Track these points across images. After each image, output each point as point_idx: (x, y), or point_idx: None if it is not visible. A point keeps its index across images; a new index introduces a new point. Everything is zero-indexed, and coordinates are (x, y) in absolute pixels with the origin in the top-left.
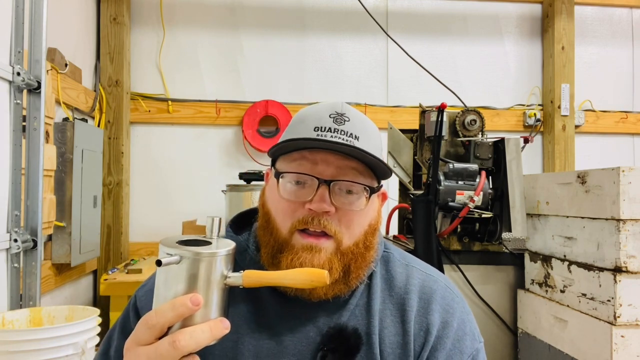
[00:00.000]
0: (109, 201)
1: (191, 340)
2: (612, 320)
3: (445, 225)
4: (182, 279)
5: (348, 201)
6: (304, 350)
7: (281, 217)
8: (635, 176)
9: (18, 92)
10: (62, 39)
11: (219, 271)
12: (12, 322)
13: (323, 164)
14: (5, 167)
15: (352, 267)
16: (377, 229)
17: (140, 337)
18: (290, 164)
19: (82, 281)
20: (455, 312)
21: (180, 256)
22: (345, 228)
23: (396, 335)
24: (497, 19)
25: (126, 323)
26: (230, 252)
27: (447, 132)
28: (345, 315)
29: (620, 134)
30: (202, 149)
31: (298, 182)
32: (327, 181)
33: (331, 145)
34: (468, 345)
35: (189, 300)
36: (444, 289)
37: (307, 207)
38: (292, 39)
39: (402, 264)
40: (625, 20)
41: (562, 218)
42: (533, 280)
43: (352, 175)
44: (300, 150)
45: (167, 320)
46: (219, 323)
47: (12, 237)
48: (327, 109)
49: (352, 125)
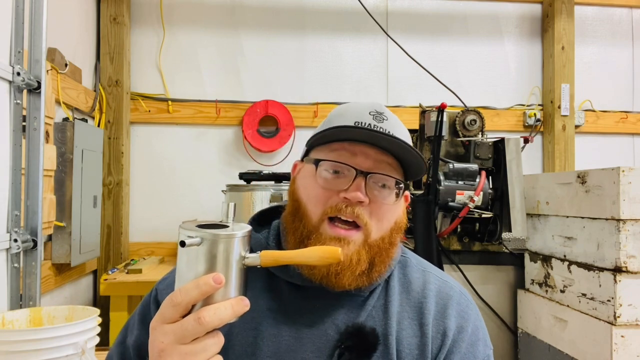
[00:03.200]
0: (109, 201)
1: (215, 316)
2: (612, 320)
3: (445, 225)
4: (203, 259)
5: (381, 194)
6: (322, 346)
7: (313, 203)
8: (635, 176)
9: (18, 92)
10: (62, 39)
11: (237, 252)
12: (12, 322)
13: (362, 155)
14: (5, 167)
15: (376, 260)
16: (401, 228)
17: (166, 315)
18: (330, 153)
19: (82, 281)
20: (470, 318)
21: (201, 238)
22: (375, 221)
23: (414, 337)
24: (497, 19)
25: (146, 315)
26: (246, 234)
27: (447, 132)
28: (363, 316)
29: (620, 134)
30: (202, 149)
31: (335, 171)
32: (364, 172)
33: (374, 135)
34: (481, 350)
35: (211, 279)
36: (460, 295)
37: (341, 196)
38: (292, 39)
39: (419, 269)
40: (625, 20)
41: (562, 218)
42: (533, 280)
43: (388, 170)
44: (340, 141)
45: (192, 298)
46: (240, 301)
47: (12, 237)
48: (367, 107)
49: (390, 125)
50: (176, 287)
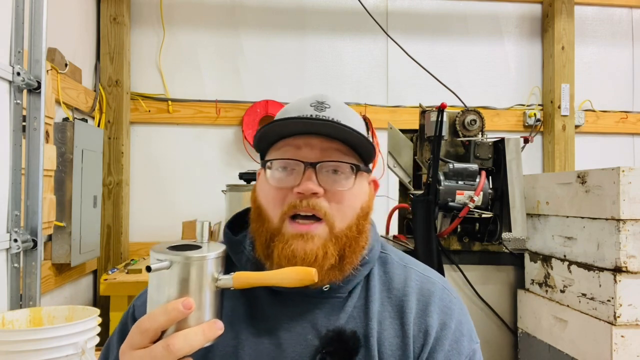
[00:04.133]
0: (109, 201)
1: (185, 343)
2: (612, 320)
3: (445, 225)
4: (174, 283)
5: (335, 181)
6: (302, 352)
7: (272, 206)
8: (635, 176)
9: (18, 92)
10: (62, 39)
11: (210, 274)
12: (12, 322)
13: (307, 147)
14: (5, 167)
15: (346, 251)
16: (368, 213)
17: (135, 341)
18: (276, 152)
19: (82, 281)
20: (453, 314)
21: (170, 261)
22: (335, 209)
23: (395, 337)
24: (497, 19)
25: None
26: (220, 255)
27: (447, 132)
28: (343, 318)
29: (620, 134)
30: (202, 149)
31: (285, 168)
32: (312, 163)
33: (313, 124)
34: (465, 346)
35: (180, 304)
36: (442, 290)
37: (295, 192)
38: (292, 39)
39: (400, 265)
40: (625, 20)
41: (562, 218)
42: (533, 280)
43: (336, 156)
44: (284, 139)
45: (160, 325)
46: (213, 325)
47: (12, 237)
48: (308, 99)
49: (333, 112)
50: (147, 311)
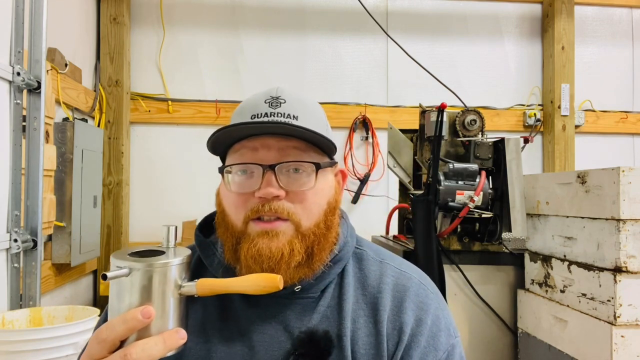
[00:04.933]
0: (109, 201)
1: (143, 353)
2: (612, 320)
3: (445, 225)
4: (134, 291)
5: (296, 181)
6: (275, 355)
7: (234, 210)
8: (635, 176)
9: (18, 92)
10: (62, 39)
11: (172, 281)
12: (12, 322)
13: (264, 149)
14: (5, 167)
15: (315, 249)
16: (336, 208)
17: (93, 351)
18: (233, 156)
19: (82, 281)
20: (429, 309)
21: (129, 268)
22: (300, 209)
23: (369, 336)
24: (497, 19)
25: None
26: (183, 261)
27: (447, 132)
28: (316, 318)
29: (620, 134)
30: (202, 149)
31: (244, 172)
32: (270, 166)
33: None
34: (443, 341)
35: (139, 313)
36: (418, 285)
37: (256, 196)
38: (292, 39)
39: (376, 261)
40: (625, 20)
41: (562, 218)
42: (533, 280)
43: (295, 155)
44: (240, 141)
45: (118, 335)
46: (174, 334)
47: (12, 237)
48: (263, 96)
49: (289, 106)
50: (108, 319)
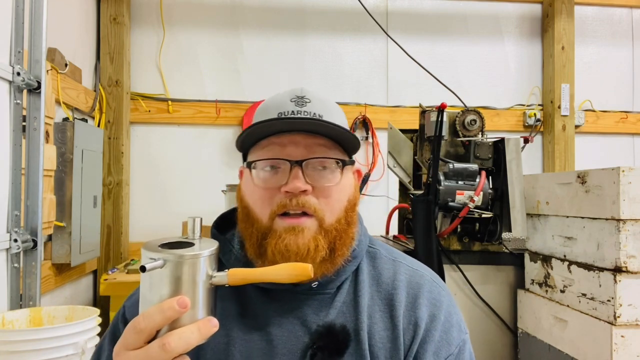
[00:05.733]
0: (109, 201)
1: (180, 341)
2: (612, 320)
3: (445, 225)
4: (168, 282)
5: (323, 177)
6: (293, 348)
7: (259, 205)
8: (635, 176)
9: (18, 92)
10: (62, 39)
11: (204, 272)
12: (12, 322)
13: (291, 145)
14: (5, 167)
15: (337, 244)
16: (356, 205)
17: (129, 341)
18: (261, 151)
19: (82, 281)
20: (442, 305)
21: (163, 260)
22: (325, 205)
23: (386, 330)
24: (497, 19)
25: (116, 333)
26: (213, 252)
27: (447, 132)
28: (332, 313)
29: (620, 134)
30: (202, 149)
31: (271, 167)
32: (298, 161)
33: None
34: (455, 336)
35: (176, 303)
36: (431, 283)
37: (283, 191)
38: (292, 39)
39: (389, 259)
40: (625, 20)
41: (562, 218)
42: (533, 280)
43: (321, 152)
44: (267, 138)
45: (156, 324)
46: (207, 322)
47: (12, 237)
48: (288, 95)
49: (314, 106)
50: (140, 311)
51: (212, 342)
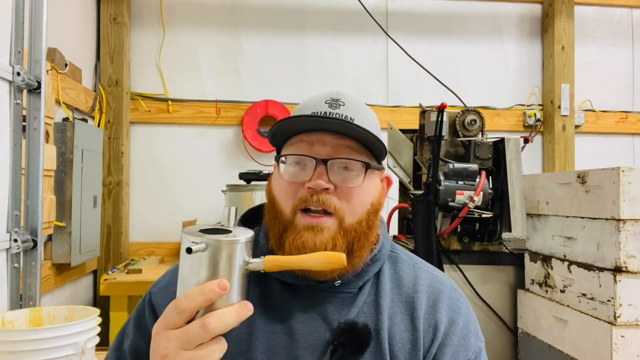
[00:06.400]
0: (109, 201)
1: (220, 322)
2: (612, 320)
3: (445, 225)
4: (207, 265)
5: (346, 178)
6: (314, 343)
7: (284, 198)
8: (635, 176)
9: (18, 92)
10: (62, 39)
11: (241, 257)
12: (12, 322)
13: (319, 144)
14: (5, 167)
15: (355, 246)
16: (379, 210)
17: (170, 321)
18: (290, 147)
19: (82, 281)
20: (461, 311)
21: (206, 244)
22: (346, 205)
23: (406, 332)
24: (497, 19)
25: (141, 319)
26: (249, 239)
27: (447, 132)
28: (354, 312)
29: (620, 134)
30: (202, 149)
31: (298, 163)
32: (323, 160)
33: (324, 122)
34: (472, 342)
35: (216, 285)
36: (450, 289)
37: (306, 186)
38: (292, 39)
39: (409, 264)
40: (625, 20)
41: (562, 218)
42: (533, 280)
43: (347, 153)
44: (298, 135)
45: (197, 305)
46: (244, 306)
47: (12, 237)
48: (324, 97)
49: (347, 109)
50: (179, 293)
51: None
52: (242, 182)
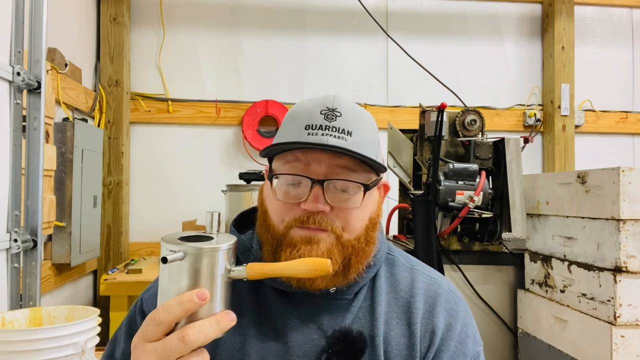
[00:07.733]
0: (109, 201)
1: (200, 334)
2: (612, 320)
3: (445, 225)
4: (187, 274)
5: (343, 199)
6: (309, 351)
7: (277, 216)
8: (635, 176)
9: (18, 92)
10: (62, 39)
11: (223, 265)
12: (12, 322)
13: (315, 163)
14: (5, 167)
15: (352, 260)
16: (377, 222)
17: (148, 333)
18: (284, 165)
19: (82, 281)
20: (458, 316)
21: (184, 252)
22: (344, 224)
23: (402, 337)
24: (497, 19)
25: (133, 326)
26: (232, 246)
27: (447, 132)
28: (349, 318)
29: (620, 134)
30: (202, 149)
31: (293, 183)
32: (320, 181)
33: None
34: (470, 347)
35: (195, 295)
36: (448, 292)
37: (302, 207)
38: (292, 39)
39: (406, 267)
40: (625, 20)
41: (562, 218)
42: (533, 280)
43: (344, 174)
44: (292, 151)
45: (175, 316)
46: (226, 316)
47: (12, 237)
48: (319, 105)
49: (344, 121)
50: (159, 304)
51: (228, 340)
52: (242, 182)
